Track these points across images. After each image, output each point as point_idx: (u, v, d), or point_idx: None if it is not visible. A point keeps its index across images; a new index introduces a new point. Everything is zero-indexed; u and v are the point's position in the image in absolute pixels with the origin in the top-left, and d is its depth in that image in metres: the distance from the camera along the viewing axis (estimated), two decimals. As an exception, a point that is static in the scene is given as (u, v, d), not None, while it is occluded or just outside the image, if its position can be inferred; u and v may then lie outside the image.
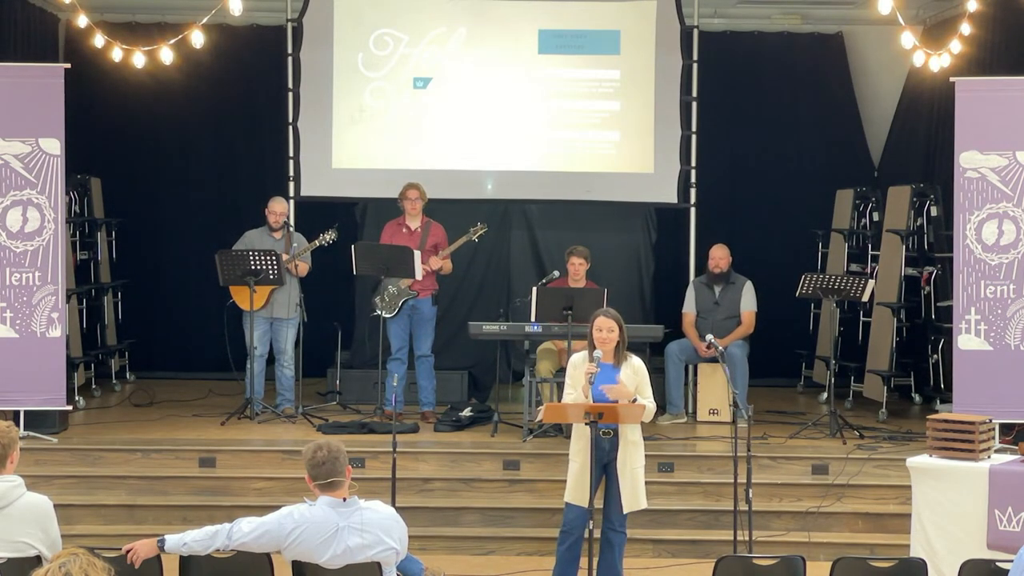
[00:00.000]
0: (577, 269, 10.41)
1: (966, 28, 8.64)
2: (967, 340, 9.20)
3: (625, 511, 7.13)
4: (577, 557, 7.25)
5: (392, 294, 10.27)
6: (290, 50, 11.43)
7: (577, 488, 7.12)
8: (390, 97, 11.50)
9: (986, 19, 10.22)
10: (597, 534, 7.04)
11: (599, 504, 7.12)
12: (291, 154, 11.44)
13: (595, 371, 7.05)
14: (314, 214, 11.37)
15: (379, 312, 10.30)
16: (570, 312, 9.54)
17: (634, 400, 7.07)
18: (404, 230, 10.47)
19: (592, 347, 7.17)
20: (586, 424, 6.92)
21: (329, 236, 10.44)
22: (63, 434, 9.54)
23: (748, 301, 10.59)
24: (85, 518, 8.64)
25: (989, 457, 7.42)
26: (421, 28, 11.45)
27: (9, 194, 9.35)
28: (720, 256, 10.66)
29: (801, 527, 8.71)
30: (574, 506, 7.15)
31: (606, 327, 7.16)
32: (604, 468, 7.10)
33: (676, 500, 8.98)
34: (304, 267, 10.52)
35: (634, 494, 7.15)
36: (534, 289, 10.09)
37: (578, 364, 7.23)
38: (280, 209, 10.56)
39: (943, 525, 7.30)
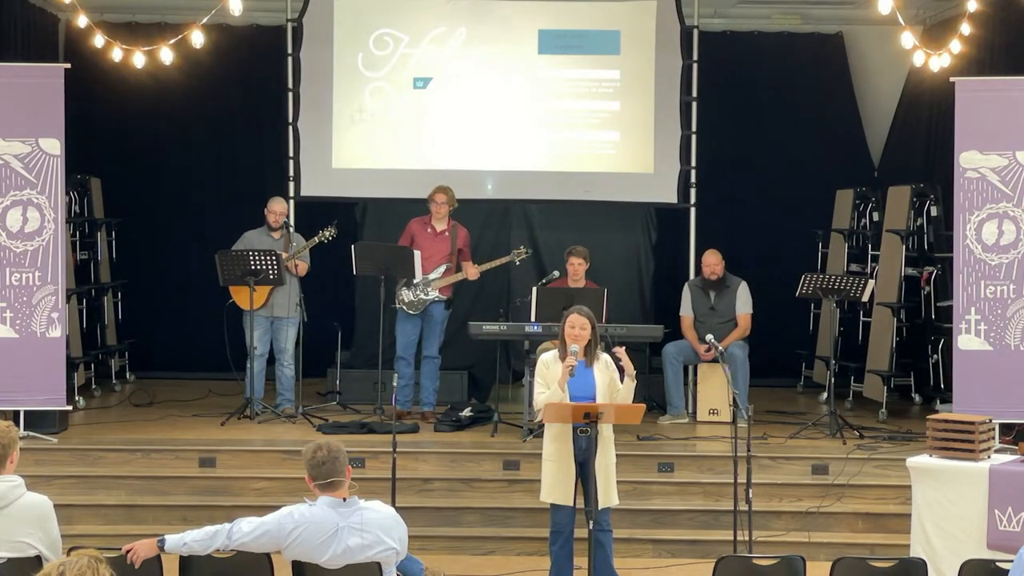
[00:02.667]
0: (577, 269, 10.41)
1: (966, 28, 8.65)
2: (967, 340, 9.20)
3: (600, 507, 7.11)
4: (570, 555, 7.27)
5: (418, 296, 10.25)
6: (290, 50, 11.42)
7: (557, 487, 7.15)
8: (390, 97, 11.49)
9: (986, 19, 10.22)
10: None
11: (579, 504, 7.12)
12: (291, 154, 11.43)
13: (575, 363, 7.05)
14: (314, 214, 11.36)
15: (401, 306, 10.27)
16: (570, 312, 9.53)
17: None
18: (429, 230, 10.48)
19: (564, 345, 7.18)
20: (584, 424, 6.91)
21: (328, 233, 10.43)
22: (63, 434, 9.54)
23: (743, 304, 10.55)
24: (85, 518, 8.63)
25: (989, 457, 7.43)
26: (421, 28, 11.44)
27: (9, 194, 9.35)
28: (714, 263, 10.57)
29: (801, 527, 8.71)
30: (560, 506, 7.17)
31: (579, 324, 7.16)
32: (581, 466, 7.10)
33: (676, 500, 9.00)
34: (303, 266, 10.51)
35: (607, 490, 7.15)
36: (534, 289, 10.10)
37: (550, 362, 7.23)
38: (279, 209, 10.56)
39: (943, 525, 7.31)
